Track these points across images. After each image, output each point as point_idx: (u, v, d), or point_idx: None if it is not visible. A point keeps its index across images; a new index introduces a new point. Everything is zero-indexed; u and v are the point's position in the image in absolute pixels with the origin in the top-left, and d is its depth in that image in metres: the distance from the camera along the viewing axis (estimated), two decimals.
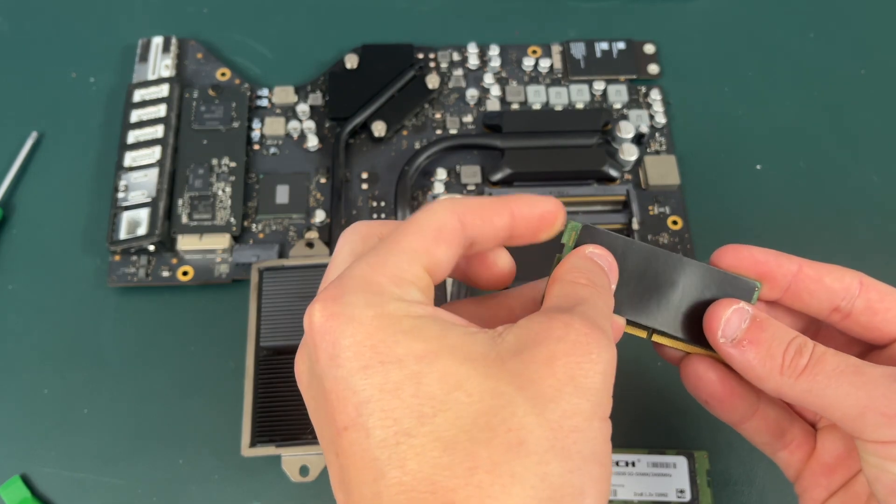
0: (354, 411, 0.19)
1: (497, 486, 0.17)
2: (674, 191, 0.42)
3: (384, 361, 0.19)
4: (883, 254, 0.41)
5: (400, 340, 0.19)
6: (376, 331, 0.19)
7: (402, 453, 0.18)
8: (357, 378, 0.19)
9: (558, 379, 0.18)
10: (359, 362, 0.19)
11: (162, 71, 0.44)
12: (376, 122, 0.42)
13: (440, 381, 0.18)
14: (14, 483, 0.34)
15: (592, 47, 0.46)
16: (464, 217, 0.22)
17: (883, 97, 0.46)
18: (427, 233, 0.21)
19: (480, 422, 0.18)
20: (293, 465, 0.33)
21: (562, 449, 0.18)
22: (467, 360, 0.19)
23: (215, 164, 0.41)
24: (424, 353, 0.19)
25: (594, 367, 0.19)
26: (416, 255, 0.21)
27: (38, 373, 0.37)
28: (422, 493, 0.18)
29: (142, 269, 0.39)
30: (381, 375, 0.19)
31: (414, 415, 0.18)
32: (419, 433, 0.18)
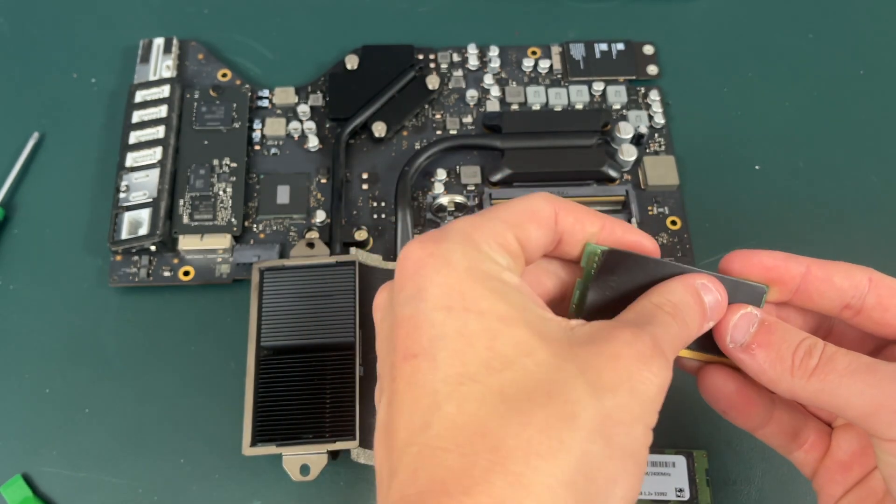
0: (428, 342, 0.20)
1: (545, 445, 0.18)
2: (673, 191, 0.42)
3: (468, 309, 0.20)
4: (882, 254, 0.41)
5: (486, 296, 0.20)
6: (467, 280, 0.20)
7: (463, 393, 0.19)
8: (439, 314, 0.20)
9: (619, 375, 0.20)
10: (444, 301, 0.20)
11: (163, 71, 0.44)
12: (376, 123, 0.42)
13: (513, 345, 0.20)
14: (15, 482, 0.35)
15: (592, 48, 0.46)
16: (559, 210, 0.23)
17: (882, 98, 0.46)
18: (523, 211, 0.22)
19: (542, 388, 0.19)
20: (294, 465, 0.33)
21: (607, 436, 0.19)
22: (541, 336, 0.20)
23: (216, 165, 0.41)
24: (505, 316, 0.20)
25: (652, 379, 0.20)
26: (510, 225, 0.22)
27: (39, 372, 0.37)
28: (472, 434, 0.19)
29: (143, 269, 0.39)
30: (462, 320, 0.20)
31: (482, 364, 0.19)
32: (484, 381, 0.19)
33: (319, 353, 0.34)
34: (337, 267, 0.36)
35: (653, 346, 0.21)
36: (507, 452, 0.18)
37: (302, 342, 0.35)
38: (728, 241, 0.41)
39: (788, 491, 0.35)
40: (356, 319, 0.35)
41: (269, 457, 0.34)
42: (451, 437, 0.19)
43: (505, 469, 0.18)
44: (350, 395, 0.33)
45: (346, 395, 0.33)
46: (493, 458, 0.18)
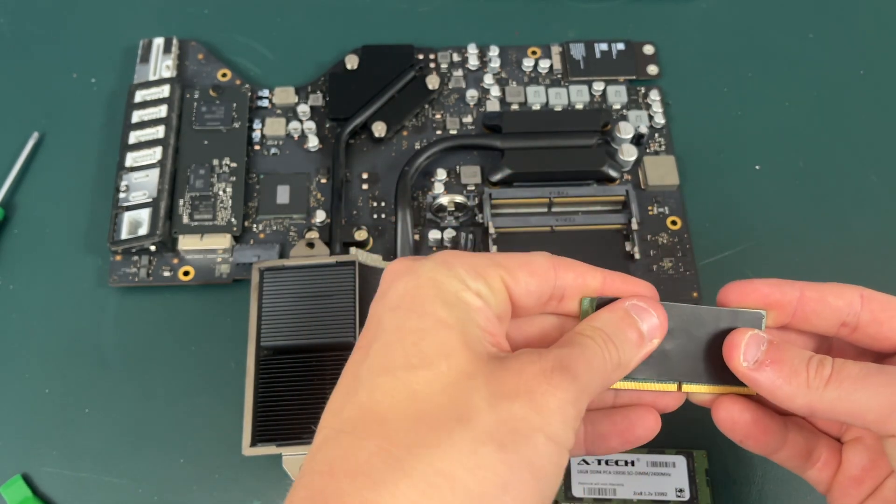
0: (371, 336, 0.22)
1: (433, 439, 0.20)
2: (673, 191, 0.42)
3: (411, 309, 0.22)
4: (882, 254, 0.41)
5: (433, 301, 0.22)
6: (424, 287, 0.22)
7: (377, 384, 0.21)
8: (387, 312, 0.22)
9: (518, 387, 0.21)
10: (396, 302, 0.22)
11: (163, 71, 0.44)
12: (376, 123, 0.42)
13: (438, 346, 0.21)
14: (15, 482, 0.35)
15: (592, 48, 0.46)
16: (559, 266, 0.24)
17: (882, 98, 0.46)
18: (517, 258, 0.24)
19: (447, 391, 0.21)
20: (294, 465, 0.33)
21: (500, 441, 0.20)
22: (467, 346, 0.21)
23: (216, 165, 0.41)
24: (443, 321, 0.22)
25: (552, 391, 0.21)
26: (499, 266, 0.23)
27: (39, 372, 0.37)
28: (371, 421, 0.20)
29: (143, 269, 0.39)
30: (402, 318, 0.22)
31: (403, 360, 0.21)
32: (399, 375, 0.21)
33: (319, 353, 0.34)
34: (337, 267, 0.36)
35: (554, 362, 0.21)
36: (397, 442, 0.20)
37: (302, 342, 0.34)
38: (728, 241, 0.41)
39: (788, 491, 0.35)
40: (356, 319, 0.35)
41: (269, 457, 0.34)
42: (354, 422, 0.21)
43: (390, 455, 0.19)
44: None
45: None
46: (384, 445, 0.20)
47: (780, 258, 0.41)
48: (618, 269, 0.39)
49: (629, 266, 0.40)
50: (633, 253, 0.40)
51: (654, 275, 0.40)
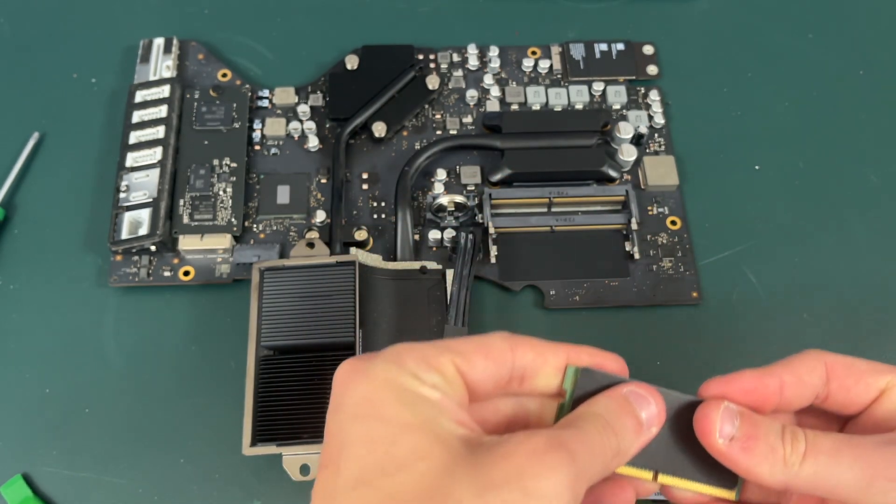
0: (336, 451, 0.21)
1: None
2: (673, 191, 0.42)
3: (374, 417, 0.21)
4: (881, 254, 0.41)
5: (394, 405, 0.21)
6: (381, 390, 0.21)
7: (355, 498, 0.20)
8: (348, 423, 0.21)
9: (507, 472, 0.19)
10: (355, 411, 0.21)
11: (163, 72, 0.44)
12: (376, 123, 0.42)
13: (410, 450, 0.20)
14: (16, 482, 0.35)
15: (592, 48, 0.46)
16: (517, 347, 0.23)
17: (881, 98, 0.46)
18: (472, 342, 0.23)
19: (429, 492, 0.19)
20: (294, 465, 0.33)
21: None
22: (440, 442, 0.21)
23: (216, 165, 0.41)
24: (409, 423, 0.21)
25: (546, 473, 0.19)
26: (451, 352, 0.22)
27: (39, 372, 0.37)
28: None
29: (143, 268, 0.39)
30: (367, 427, 0.21)
31: (378, 469, 0.20)
32: (376, 485, 0.20)
33: (319, 353, 0.34)
34: (337, 267, 0.36)
35: (548, 442, 0.20)
36: None
37: (302, 342, 0.35)
38: (727, 241, 0.41)
39: None
40: (356, 319, 0.35)
41: (269, 457, 0.34)
42: None
43: None
44: None
45: None
46: None
47: (779, 258, 0.41)
48: (618, 269, 0.40)
49: (629, 266, 0.40)
50: (632, 253, 0.40)
51: (654, 275, 0.40)
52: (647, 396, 0.23)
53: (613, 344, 0.25)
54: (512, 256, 0.40)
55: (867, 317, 0.39)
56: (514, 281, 0.39)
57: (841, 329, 0.39)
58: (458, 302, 0.37)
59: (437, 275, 0.38)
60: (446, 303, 0.37)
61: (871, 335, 0.39)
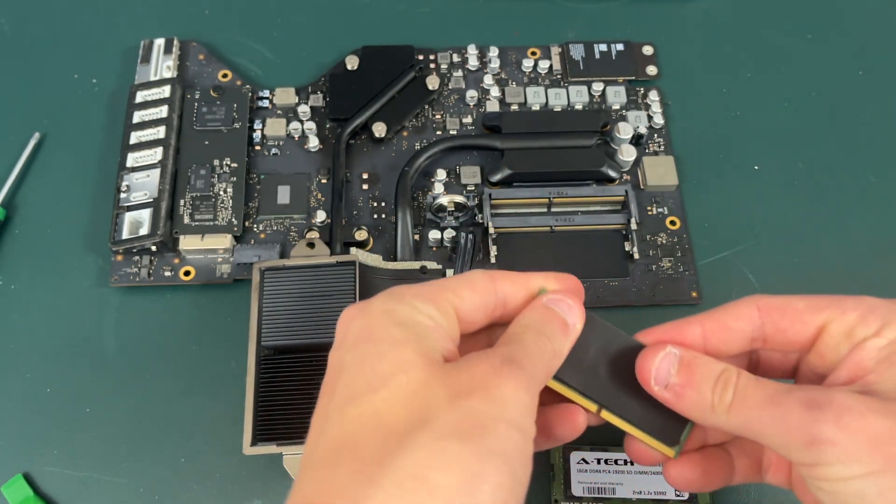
0: (334, 379, 0.23)
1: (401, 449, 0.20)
2: (672, 191, 0.42)
3: (368, 339, 0.23)
4: (880, 254, 0.41)
5: (387, 327, 0.23)
6: (377, 318, 0.23)
7: (345, 415, 0.22)
8: (345, 353, 0.23)
9: (473, 384, 0.22)
10: (354, 340, 0.23)
11: (164, 72, 0.44)
12: (377, 123, 0.43)
13: (396, 364, 0.22)
14: (16, 482, 0.35)
15: (591, 49, 0.46)
16: (495, 277, 0.26)
17: (880, 98, 0.46)
18: (457, 279, 0.25)
19: (407, 402, 0.22)
20: (294, 464, 0.33)
21: (462, 435, 0.21)
22: (424, 357, 0.22)
23: (217, 165, 0.41)
24: (399, 340, 0.23)
25: (504, 382, 0.22)
26: (441, 286, 0.25)
27: (40, 372, 0.37)
28: (341, 448, 0.21)
29: (144, 268, 0.39)
30: (361, 350, 0.23)
31: (365, 385, 0.22)
32: (362, 401, 0.22)
33: (320, 353, 0.34)
34: (337, 267, 0.36)
35: (503, 358, 0.23)
36: (367, 461, 0.20)
37: (302, 342, 0.35)
38: (727, 241, 0.41)
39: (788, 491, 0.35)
40: None
41: (269, 456, 0.34)
42: (326, 456, 0.21)
43: (362, 475, 0.20)
44: None
45: None
46: (355, 467, 0.20)
47: (779, 258, 0.41)
48: (617, 268, 0.40)
49: (629, 266, 0.40)
50: (632, 253, 0.40)
51: (654, 275, 0.40)
52: (564, 299, 0.26)
53: None
54: (512, 256, 0.40)
55: None
56: None
57: None
58: None
59: (437, 275, 0.38)
60: None
61: None
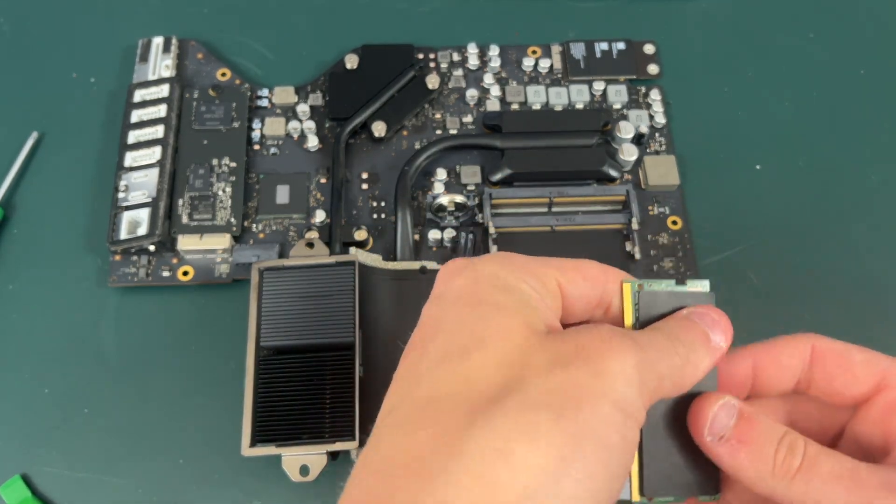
0: (430, 334, 0.22)
1: (487, 417, 0.19)
2: (673, 191, 0.42)
3: (471, 302, 0.21)
4: (881, 254, 0.41)
5: (493, 291, 0.21)
6: (484, 281, 0.22)
7: (435, 377, 0.20)
8: (446, 309, 0.22)
9: (576, 353, 0.20)
10: (454, 298, 0.22)
11: (162, 71, 0.44)
12: (376, 123, 0.42)
13: (496, 329, 0.20)
14: (14, 483, 0.35)
15: (592, 48, 0.46)
16: (607, 272, 0.23)
17: (882, 97, 0.46)
18: (571, 262, 0.23)
19: (501, 369, 0.20)
20: (293, 465, 0.33)
21: (556, 408, 0.19)
22: (525, 327, 0.21)
23: (215, 165, 0.41)
24: (502, 305, 0.21)
25: (612, 355, 0.20)
26: (553, 268, 0.23)
27: (38, 372, 0.37)
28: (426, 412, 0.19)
29: (142, 268, 0.39)
30: (461, 310, 0.21)
31: (461, 347, 0.20)
32: (455, 363, 0.20)
33: (319, 354, 0.34)
34: (336, 267, 0.36)
35: (613, 331, 0.21)
36: (450, 427, 0.19)
37: (302, 342, 0.34)
38: (728, 241, 0.41)
39: None
40: (356, 319, 0.35)
41: (268, 457, 0.34)
42: (410, 417, 0.20)
43: (442, 442, 0.18)
44: (350, 395, 0.33)
45: (346, 396, 0.33)
46: (437, 432, 0.19)
47: (780, 258, 0.41)
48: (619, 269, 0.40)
49: (629, 266, 0.40)
50: (633, 253, 0.39)
51: (655, 275, 0.40)
52: (709, 314, 0.23)
53: None
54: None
55: (868, 317, 0.39)
56: None
57: (841, 329, 0.39)
58: None
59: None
60: None
61: (872, 335, 0.39)
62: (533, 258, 0.23)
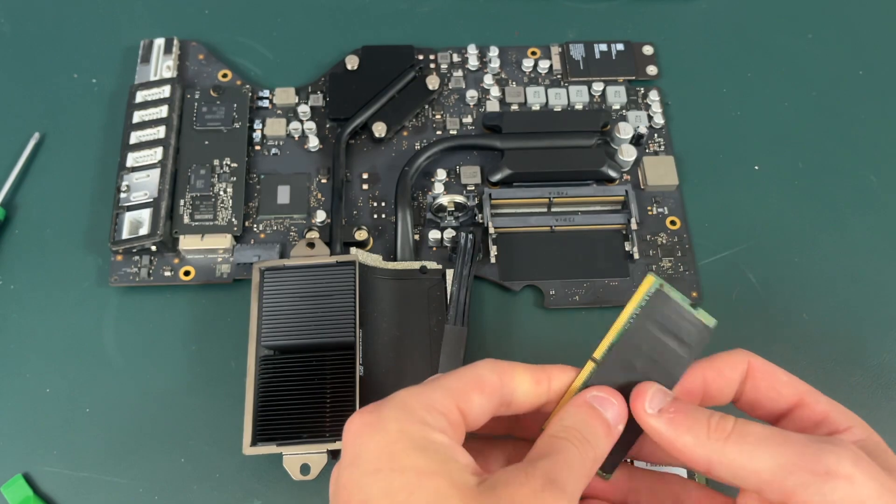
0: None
1: None
2: (672, 191, 0.42)
3: (393, 469, 0.22)
4: (880, 254, 0.41)
5: (411, 454, 0.22)
6: (398, 441, 0.22)
7: None
8: (368, 479, 0.22)
9: None
10: (373, 465, 0.22)
11: (164, 72, 0.44)
12: (377, 123, 0.43)
13: (429, 496, 0.21)
14: (16, 482, 0.35)
15: (591, 48, 0.46)
16: (504, 373, 0.25)
17: (881, 98, 0.46)
18: (466, 378, 0.24)
19: None
20: (294, 464, 0.33)
21: None
22: (455, 486, 0.21)
23: (217, 165, 0.41)
24: (426, 470, 0.22)
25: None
26: (451, 393, 0.24)
27: (40, 372, 0.37)
28: None
29: (144, 268, 0.39)
30: (387, 480, 0.22)
31: None
32: None
33: (320, 353, 0.34)
34: (337, 267, 0.36)
35: (544, 482, 0.22)
36: None
37: (302, 342, 0.35)
38: (728, 241, 0.41)
39: None
40: (356, 319, 0.35)
41: (269, 456, 0.34)
42: None
43: None
44: (350, 394, 0.33)
45: (347, 395, 0.33)
46: None
47: (779, 258, 0.41)
48: (617, 268, 0.40)
49: (629, 266, 0.40)
50: (632, 253, 0.40)
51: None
52: (609, 398, 0.25)
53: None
54: (512, 256, 0.40)
55: (867, 317, 0.39)
56: (514, 281, 0.39)
57: (840, 329, 0.39)
58: (458, 302, 0.37)
59: (437, 275, 0.38)
60: (446, 303, 0.37)
61: (871, 335, 0.39)
62: (431, 390, 0.24)
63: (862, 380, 0.38)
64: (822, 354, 0.38)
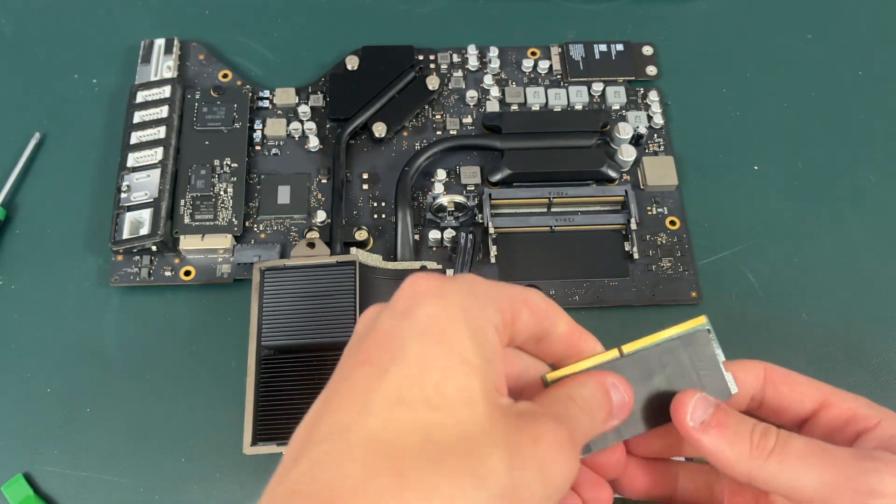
0: (388, 356, 0.21)
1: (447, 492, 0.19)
2: (672, 191, 0.42)
3: (440, 341, 0.21)
4: (880, 254, 0.41)
5: (462, 338, 0.21)
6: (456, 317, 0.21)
7: (393, 415, 0.20)
8: (411, 334, 0.21)
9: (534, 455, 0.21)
10: (424, 327, 0.21)
11: (164, 72, 0.44)
12: (377, 123, 0.43)
13: (460, 390, 0.20)
14: (17, 482, 0.35)
15: (591, 49, 0.46)
16: (550, 308, 0.24)
17: (880, 98, 0.46)
18: (523, 294, 0.24)
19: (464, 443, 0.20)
20: None
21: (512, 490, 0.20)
22: (488, 395, 0.21)
23: (217, 165, 0.41)
24: (469, 361, 0.21)
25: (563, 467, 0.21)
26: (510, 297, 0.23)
27: (40, 372, 0.37)
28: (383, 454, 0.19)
29: (144, 268, 0.39)
30: (429, 348, 0.21)
31: (424, 397, 0.20)
32: (417, 413, 0.20)
33: (320, 353, 0.35)
34: (337, 267, 0.36)
35: (569, 439, 0.22)
36: (408, 485, 0.19)
37: (302, 342, 0.35)
38: (727, 241, 0.41)
39: None
40: (356, 319, 0.35)
41: (269, 456, 0.34)
42: (363, 449, 0.19)
43: (400, 498, 0.18)
44: None
45: None
46: (392, 484, 0.18)
47: (778, 258, 0.41)
48: (617, 268, 0.40)
49: (628, 266, 0.40)
50: (632, 253, 0.40)
51: (654, 274, 0.40)
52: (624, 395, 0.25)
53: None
54: (512, 256, 0.40)
55: (866, 317, 0.39)
56: (514, 281, 0.39)
57: (840, 329, 0.39)
58: None
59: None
60: None
61: (871, 335, 0.39)
62: (496, 286, 0.23)
63: (862, 380, 0.38)
64: (822, 354, 0.38)
